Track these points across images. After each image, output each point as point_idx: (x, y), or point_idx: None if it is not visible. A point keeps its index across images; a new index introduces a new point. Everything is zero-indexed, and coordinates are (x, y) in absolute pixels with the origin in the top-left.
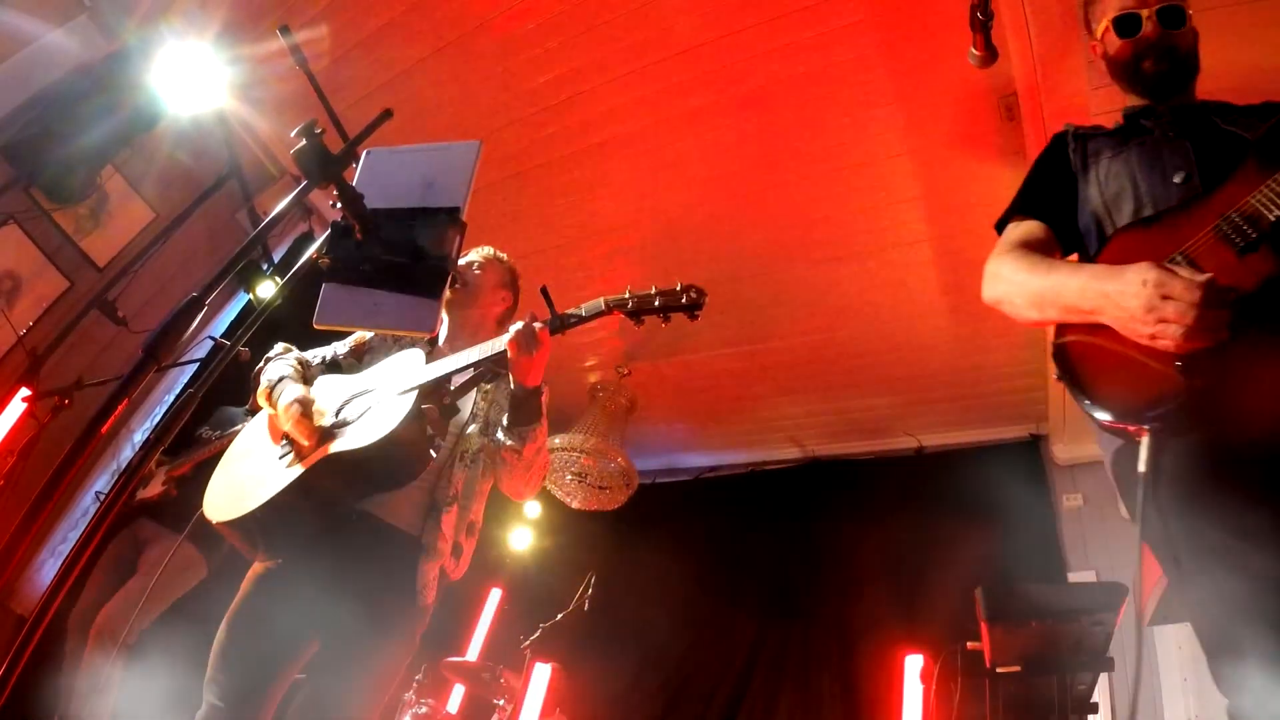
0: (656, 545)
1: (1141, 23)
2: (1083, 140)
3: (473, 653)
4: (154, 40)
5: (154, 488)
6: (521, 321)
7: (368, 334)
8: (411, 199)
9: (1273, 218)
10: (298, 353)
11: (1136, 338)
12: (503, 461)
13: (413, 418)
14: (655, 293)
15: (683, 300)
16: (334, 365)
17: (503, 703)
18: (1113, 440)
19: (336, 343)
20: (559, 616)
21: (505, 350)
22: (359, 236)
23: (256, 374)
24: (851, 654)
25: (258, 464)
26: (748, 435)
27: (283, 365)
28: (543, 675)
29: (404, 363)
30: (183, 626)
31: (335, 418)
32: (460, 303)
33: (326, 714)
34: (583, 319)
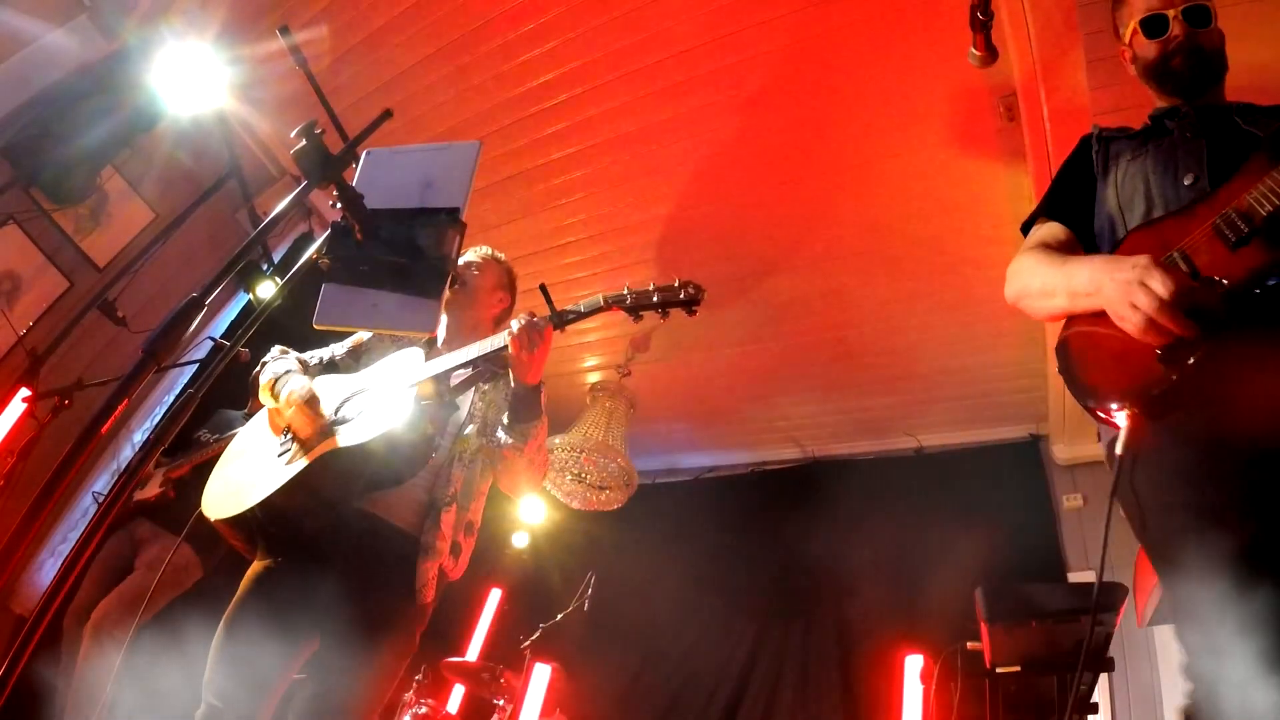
0: (656, 545)
1: (1169, 23)
2: (1106, 143)
3: (473, 653)
4: (154, 40)
5: (152, 489)
6: (522, 317)
7: (366, 335)
8: (411, 199)
9: (1264, 212)
10: (296, 354)
11: (1118, 320)
12: (504, 460)
13: (413, 413)
14: (653, 289)
15: (680, 296)
16: (331, 366)
17: (503, 703)
18: (1109, 431)
19: (334, 344)
20: (559, 616)
21: (504, 347)
22: (359, 237)
23: (255, 376)
24: (851, 654)
25: (257, 461)
26: (748, 435)
27: (284, 363)
28: (543, 675)
29: (403, 361)
30: (181, 626)
31: (334, 415)
32: (458, 303)
33: (326, 713)
34: (581, 315)
